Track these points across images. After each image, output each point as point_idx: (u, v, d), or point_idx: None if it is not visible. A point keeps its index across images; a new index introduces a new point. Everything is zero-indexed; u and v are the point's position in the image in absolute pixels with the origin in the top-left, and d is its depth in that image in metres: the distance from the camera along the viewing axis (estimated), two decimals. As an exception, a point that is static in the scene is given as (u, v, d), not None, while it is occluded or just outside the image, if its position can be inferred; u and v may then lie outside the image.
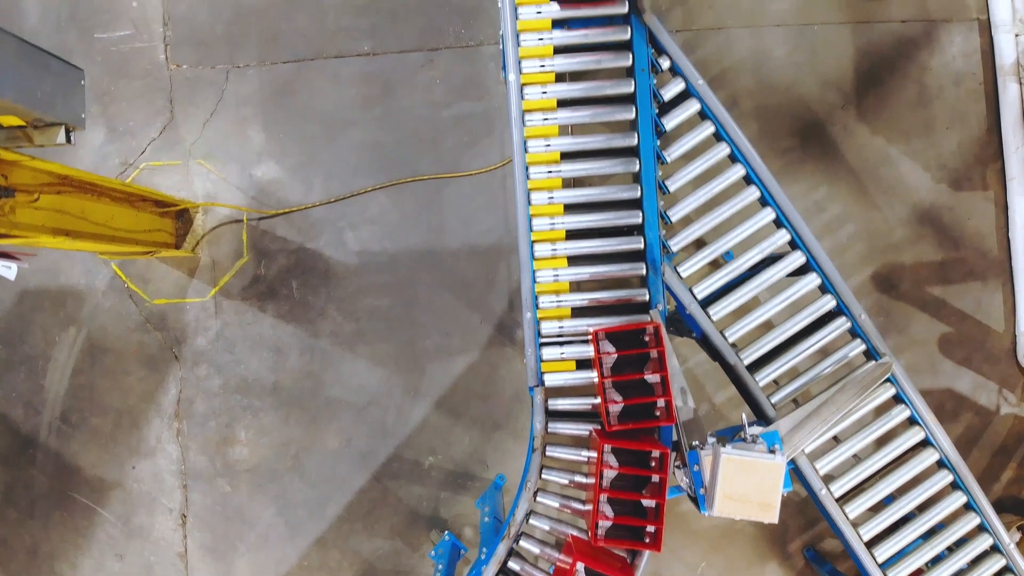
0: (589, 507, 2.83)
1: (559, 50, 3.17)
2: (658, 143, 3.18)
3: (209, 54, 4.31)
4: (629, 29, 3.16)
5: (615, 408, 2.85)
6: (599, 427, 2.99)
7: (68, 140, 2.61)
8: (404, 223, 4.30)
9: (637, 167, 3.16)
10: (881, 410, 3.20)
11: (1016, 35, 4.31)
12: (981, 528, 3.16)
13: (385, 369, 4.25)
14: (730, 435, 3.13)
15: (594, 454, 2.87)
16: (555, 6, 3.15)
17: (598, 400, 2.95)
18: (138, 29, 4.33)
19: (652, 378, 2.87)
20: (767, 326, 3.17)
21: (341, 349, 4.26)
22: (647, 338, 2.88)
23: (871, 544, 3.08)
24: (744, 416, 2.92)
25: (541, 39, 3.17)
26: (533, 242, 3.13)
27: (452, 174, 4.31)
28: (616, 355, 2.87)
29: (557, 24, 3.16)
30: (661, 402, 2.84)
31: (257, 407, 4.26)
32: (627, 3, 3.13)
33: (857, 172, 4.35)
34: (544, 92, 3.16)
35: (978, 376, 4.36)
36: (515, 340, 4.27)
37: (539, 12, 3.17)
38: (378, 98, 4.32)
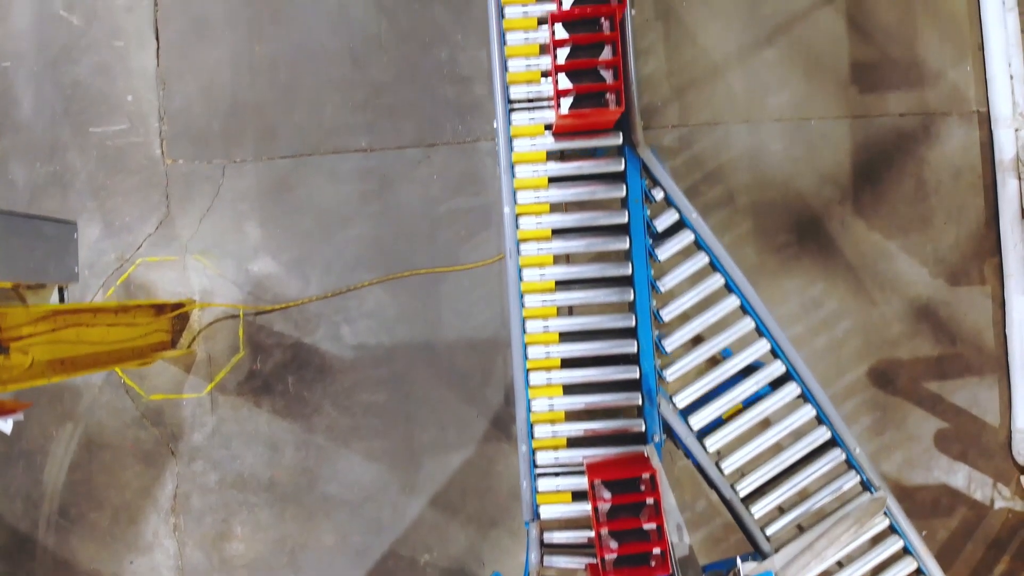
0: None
1: (554, 180, 3.17)
2: (652, 272, 3.18)
3: (205, 149, 4.31)
4: (623, 161, 3.15)
5: (611, 556, 2.86)
6: (594, 563, 2.99)
7: (61, 299, 2.61)
8: (400, 317, 4.30)
9: (632, 296, 3.17)
10: (875, 539, 3.20)
11: (1016, 130, 4.30)
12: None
13: (381, 464, 4.26)
14: (724, 570, 3.15)
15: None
16: (550, 138, 3.16)
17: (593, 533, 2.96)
18: (133, 123, 4.32)
19: (649, 526, 2.87)
20: (761, 450, 3.18)
21: (337, 445, 4.27)
22: (643, 485, 2.88)
23: None
24: (738, 559, 2.93)
25: (536, 171, 3.17)
26: (528, 370, 3.14)
27: (449, 268, 4.30)
28: (611, 502, 2.87)
29: (552, 155, 3.17)
30: (657, 550, 2.84)
31: (253, 503, 4.26)
32: (621, 135, 3.13)
33: (854, 267, 4.34)
34: (539, 223, 3.17)
35: (973, 470, 4.36)
36: (511, 435, 4.27)
37: (533, 144, 3.18)
38: (375, 193, 4.31)
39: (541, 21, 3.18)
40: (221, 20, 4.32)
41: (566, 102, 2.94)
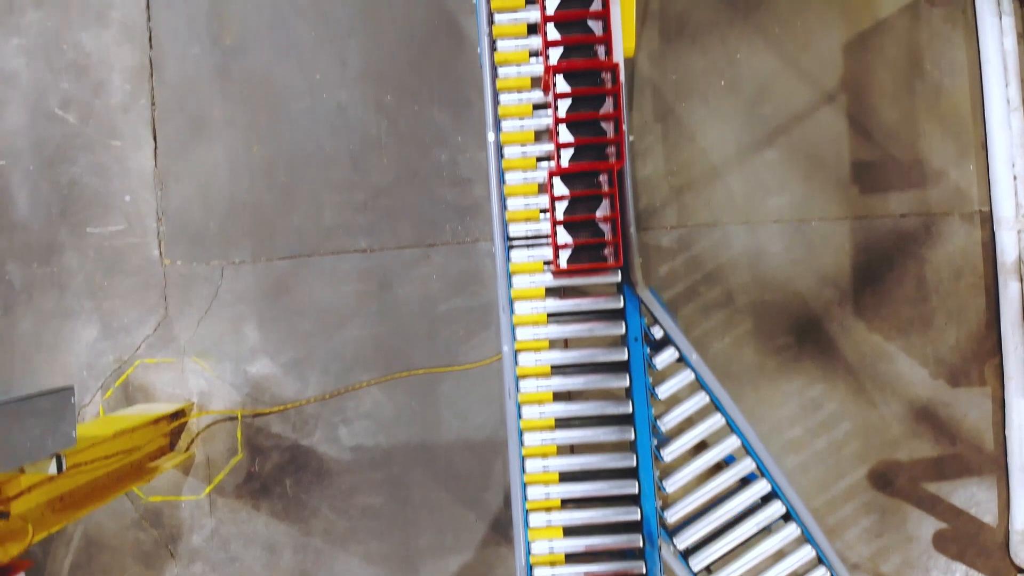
0: None
1: (552, 317, 3.16)
2: (652, 411, 3.17)
3: (203, 250, 4.29)
4: (622, 299, 3.14)
5: None
6: None
7: (60, 469, 2.60)
8: (399, 418, 4.29)
9: (633, 436, 3.16)
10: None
11: (1019, 231, 4.28)
12: None
13: (379, 568, 4.26)
14: None
15: None
16: (549, 275, 3.14)
17: None
18: (131, 224, 4.30)
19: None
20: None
21: (334, 547, 4.26)
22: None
23: None
24: None
25: (534, 308, 3.16)
26: (528, 511, 3.14)
27: (448, 368, 4.29)
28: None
29: (551, 292, 3.16)
30: None
31: (252, 605, 4.27)
32: (620, 273, 3.12)
33: (854, 369, 4.33)
34: (537, 359, 3.15)
35: (971, 570, 4.36)
36: (509, 538, 4.27)
37: (532, 281, 3.16)
38: (374, 294, 4.30)
39: (540, 159, 3.18)
40: (219, 120, 4.30)
41: (564, 255, 2.93)
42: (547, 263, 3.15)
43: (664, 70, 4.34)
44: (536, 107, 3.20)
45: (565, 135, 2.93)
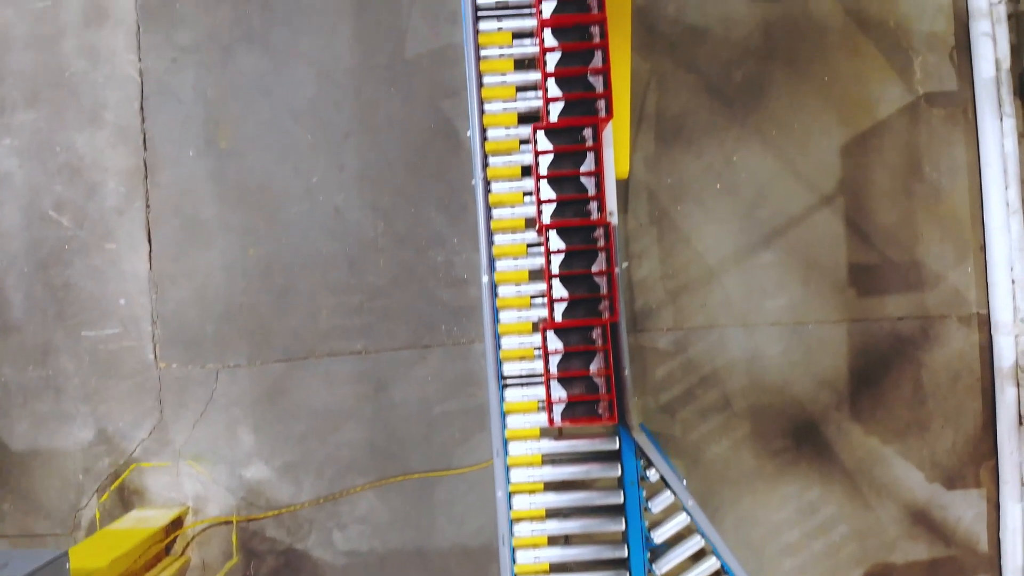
0: None
1: (547, 459, 3.15)
2: (648, 556, 3.16)
3: (198, 353, 4.28)
4: (617, 440, 3.13)
5: None
6: None
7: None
8: (393, 522, 4.29)
9: (627, 577, 3.15)
10: None
11: (1016, 336, 4.26)
12: None
13: (375, 672, 4.26)
14: None
15: None
16: (543, 415, 3.13)
17: None
18: (126, 327, 4.29)
19: None
20: None
21: (331, 651, 4.26)
22: None
23: None
24: None
25: (529, 448, 3.15)
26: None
27: (443, 472, 4.28)
28: None
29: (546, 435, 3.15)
30: None
31: None
32: (614, 403, 3.10)
33: (851, 472, 4.32)
34: (532, 503, 3.15)
35: (968, 671, 4.37)
36: (505, 642, 4.26)
37: (528, 422, 3.15)
38: (370, 396, 4.29)
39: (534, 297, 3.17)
40: (215, 223, 4.28)
41: (558, 409, 2.92)
42: (542, 403, 3.15)
43: (660, 173, 4.32)
44: (530, 246, 3.19)
45: (559, 290, 2.92)
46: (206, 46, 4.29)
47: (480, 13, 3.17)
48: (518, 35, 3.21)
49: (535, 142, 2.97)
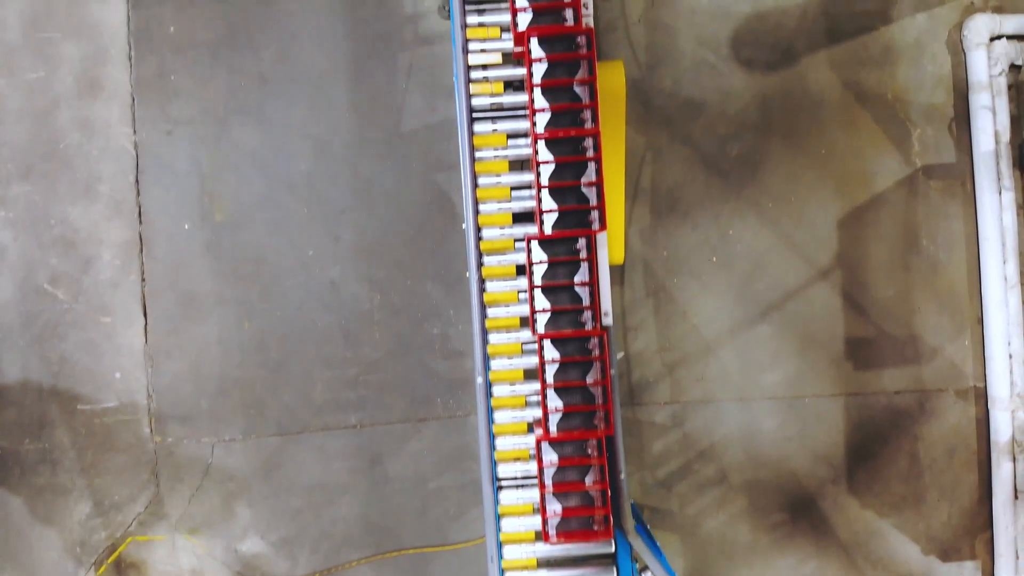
0: None
1: (542, 563, 3.15)
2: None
3: (194, 427, 4.27)
4: (613, 543, 3.13)
5: None
6: None
7: None
8: (390, 595, 4.30)
9: None
10: None
11: (1013, 411, 4.26)
12: None
13: None
14: None
15: None
16: (537, 518, 3.13)
17: None
18: (122, 401, 4.28)
19: None
20: None
21: None
22: None
23: None
24: None
25: (524, 552, 3.14)
26: None
27: (438, 547, 4.29)
28: None
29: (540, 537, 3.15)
30: None
31: None
32: (610, 518, 3.10)
33: (847, 546, 4.32)
34: (528, 606, 3.15)
35: None
36: None
37: (523, 525, 3.15)
38: (365, 470, 4.29)
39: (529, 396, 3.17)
40: (210, 296, 4.27)
41: (553, 523, 2.92)
42: (537, 507, 3.14)
43: (655, 246, 4.31)
44: (525, 344, 3.19)
45: (554, 400, 2.92)
46: (201, 119, 4.27)
47: (475, 115, 3.16)
48: (513, 135, 3.20)
49: (529, 252, 2.96)
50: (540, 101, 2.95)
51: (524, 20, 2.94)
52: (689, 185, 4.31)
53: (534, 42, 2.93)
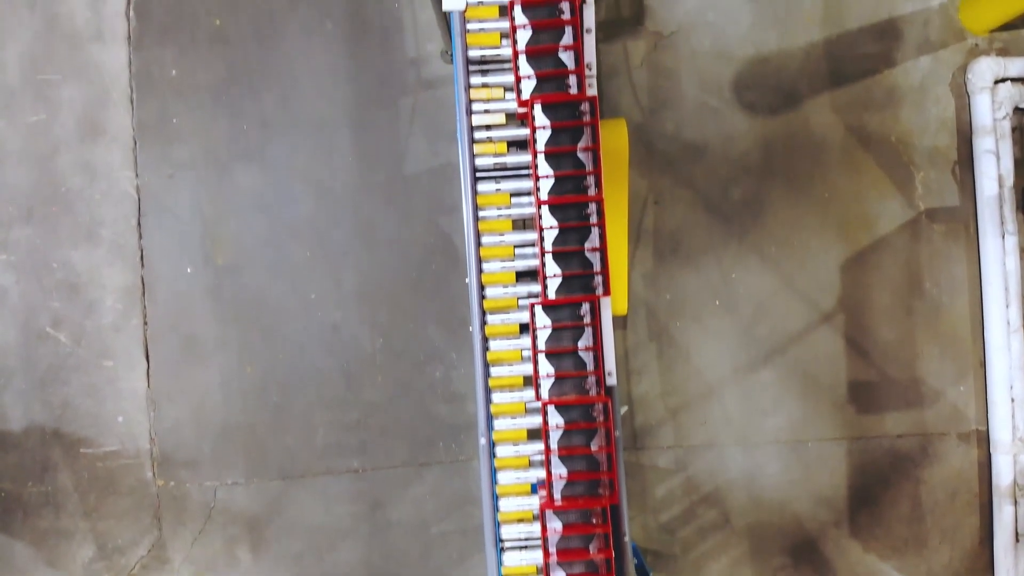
0: None
1: (543, 626, 3.15)
2: None
3: (196, 471, 4.28)
4: (616, 602, 3.13)
5: None
6: None
7: None
8: (393, 638, 4.30)
9: None
10: None
11: (1015, 455, 4.26)
12: None
13: None
14: None
15: None
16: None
17: None
18: (124, 445, 4.29)
19: None
20: None
21: None
22: None
23: None
24: None
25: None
26: None
27: (441, 589, 4.29)
28: None
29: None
30: None
31: None
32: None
33: (848, 589, 4.33)
34: None
35: None
36: None
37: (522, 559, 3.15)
38: (366, 515, 4.29)
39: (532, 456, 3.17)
40: (212, 340, 4.27)
41: (555, 587, 2.93)
42: (540, 568, 3.14)
43: (658, 289, 4.31)
44: (529, 404, 3.18)
45: (558, 467, 2.91)
46: (203, 163, 4.27)
47: (479, 175, 3.15)
48: (516, 194, 3.19)
49: (532, 317, 2.95)
50: (544, 168, 2.94)
51: (528, 87, 2.93)
52: (691, 228, 4.30)
53: (538, 108, 2.92)
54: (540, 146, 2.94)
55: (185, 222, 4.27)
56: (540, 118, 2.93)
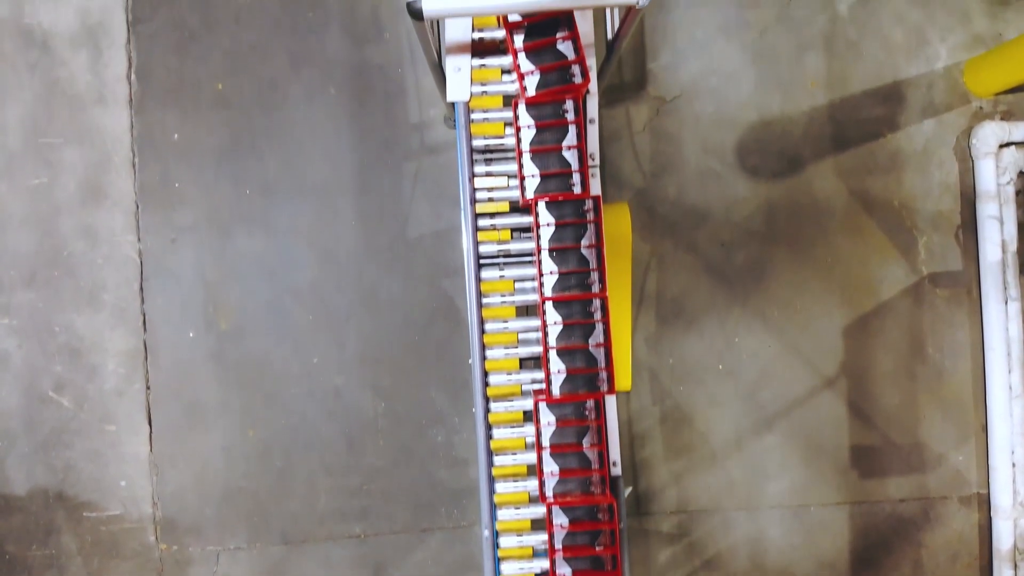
0: None
1: None
2: None
3: (199, 535, 4.28)
4: None
5: None
6: None
7: None
8: None
9: None
10: None
11: (1015, 520, 4.26)
12: None
13: None
14: None
15: None
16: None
17: None
18: (127, 509, 4.29)
19: None
20: None
21: None
22: None
23: None
24: None
25: None
26: None
27: (444, 652, 4.30)
28: None
29: None
30: None
31: None
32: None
33: (850, 653, 4.34)
34: None
35: None
36: None
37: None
38: (369, 579, 4.30)
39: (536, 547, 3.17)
40: (214, 405, 4.27)
41: None
42: (543, 653, 3.16)
43: (661, 353, 4.31)
44: (532, 492, 3.19)
45: (562, 567, 2.91)
46: (206, 227, 4.26)
47: (483, 261, 3.15)
48: (519, 280, 3.19)
49: (536, 410, 2.95)
50: (548, 264, 2.94)
51: (532, 185, 2.93)
52: (694, 292, 4.30)
53: (542, 206, 2.91)
54: (544, 242, 2.93)
55: (187, 286, 4.27)
56: (544, 215, 2.92)
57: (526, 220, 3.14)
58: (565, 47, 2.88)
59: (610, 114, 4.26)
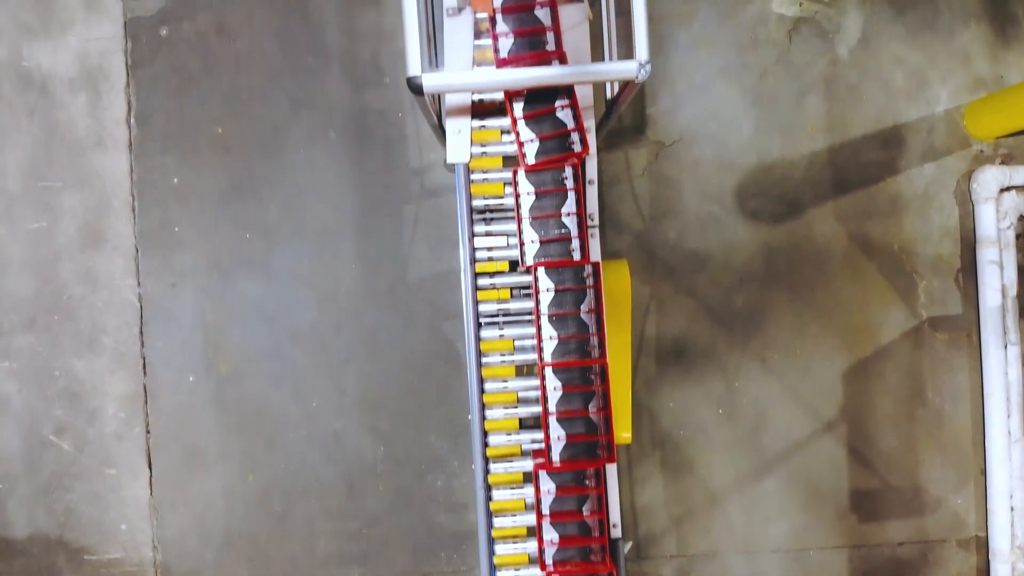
0: None
1: None
2: None
3: (199, 579, 4.29)
4: None
5: None
6: None
7: None
8: None
9: None
10: None
11: (1012, 563, 4.27)
12: None
13: None
14: None
15: None
16: None
17: None
18: (127, 552, 4.29)
19: None
20: None
21: None
22: None
23: None
24: None
25: None
26: None
27: None
28: None
29: None
30: None
31: None
32: None
33: None
34: None
35: None
36: None
37: None
38: (369, 622, 4.30)
39: None
40: (214, 449, 4.27)
41: None
42: None
43: (661, 396, 4.31)
44: (531, 554, 3.19)
45: (561, 629, 2.93)
46: (206, 271, 4.26)
47: (482, 320, 3.15)
48: (519, 338, 3.19)
49: (536, 478, 2.96)
50: (548, 330, 2.94)
51: (531, 251, 2.93)
52: (694, 336, 4.30)
53: (541, 272, 2.91)
54: (544, 308, 2.93)
55: (187, 330, 4.27)
56: (544, 281, 2.92)
57: (526, 279, 3.14)
58: (564, 115, 2.87)
59: (609, 158, 4.25)
